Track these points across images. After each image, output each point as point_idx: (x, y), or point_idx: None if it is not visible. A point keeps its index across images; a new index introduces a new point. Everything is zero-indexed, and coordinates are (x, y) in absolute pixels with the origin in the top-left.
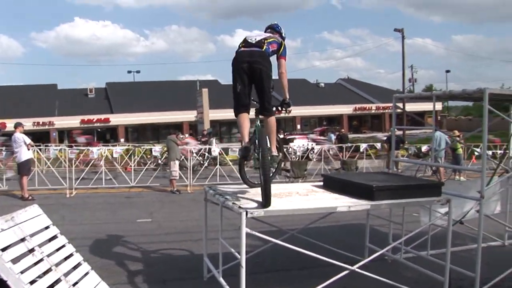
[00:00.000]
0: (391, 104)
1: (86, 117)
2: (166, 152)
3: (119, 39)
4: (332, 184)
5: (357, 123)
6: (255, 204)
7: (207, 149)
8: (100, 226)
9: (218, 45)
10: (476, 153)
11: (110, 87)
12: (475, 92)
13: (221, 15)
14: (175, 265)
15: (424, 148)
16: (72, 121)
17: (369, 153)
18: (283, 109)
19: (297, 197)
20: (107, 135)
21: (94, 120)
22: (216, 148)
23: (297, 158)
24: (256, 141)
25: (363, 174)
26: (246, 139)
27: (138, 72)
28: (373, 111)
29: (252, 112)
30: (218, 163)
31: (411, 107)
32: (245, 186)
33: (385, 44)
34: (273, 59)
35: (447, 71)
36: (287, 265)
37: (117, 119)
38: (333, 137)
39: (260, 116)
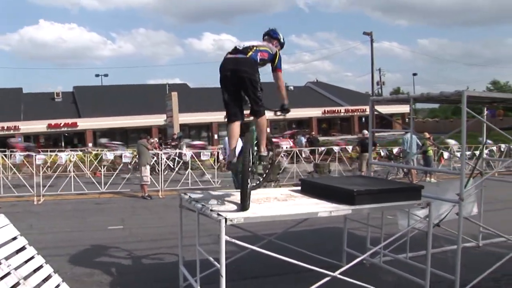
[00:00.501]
0: (360, 107)
1: (53, 122)
2: (137, 157)
3: (85, 42)
4: (310, 188)
5: (326, 126)
6: (233, 211)
7: (177, 154)
8: (70, 234)
9: (186, 49)
10: (445, 156)
11: (77, 91)
12: (453, 94)
13: (188, 18)
14: (150, 274)
15: (395, 150)
16: (38, 126)
17: (341, 155)
18: (283, 113)
19: (276, 203)
20: (75, 139)
21: (61, 125)
22: (187, 152)
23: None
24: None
25: (342, 178)
26: (232, 150)
27: (106, 75)
28: (342, 114)
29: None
30: (189, 167)
31: (378, 109)
32: (220, 191)
33: (353, 48)
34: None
35: (414, 74)
36: (265, 271)
37: (85, 123)
38: (303, 140)
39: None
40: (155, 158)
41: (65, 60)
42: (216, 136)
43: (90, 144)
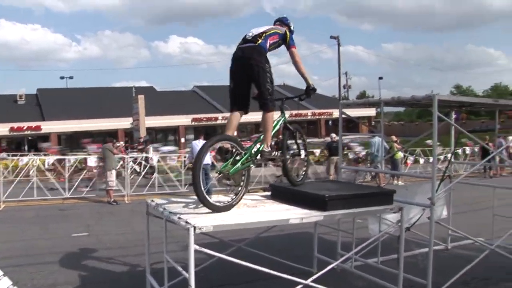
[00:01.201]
0: (326, 110)
1: (15, 125)
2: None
3: (50, 44)
4: (280, 194)
5: None
6: (202, 218)
7: (143, 158)
8: (31, 242)
9: (152, 51)
10: (410, 159)
11: (41, 94)
12: (424, 98)
13: (154, 21)
14: (116, 283)
15: (362, 153)
16: (0, 129)
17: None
18: (310, 95)
19: (246, 209)
20: (39, 143)
21: (24, 128)
22: (154, 156)
23: None
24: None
25: (313, 183)
26: None
27: (71, 78)
28: (309, 117)
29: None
30: (156, 171)
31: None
32: (188, 197)
33: (319, 52)
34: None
35: (380, 78)
36: (235, 279)
37: (49, 126)
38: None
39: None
40: (121, 162)
41: (28, 62)
42: (183, 140)
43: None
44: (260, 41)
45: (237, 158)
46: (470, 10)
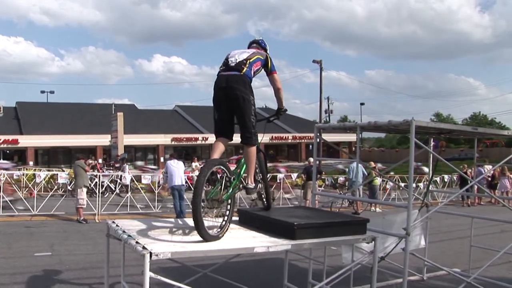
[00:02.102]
0: (307, 134)
1: None
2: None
3: (32, 58)
4: (248, 220)
5: (273, 152)
6: (161, 244)
7: (119, 176)
8: None
9: (136, 69)
10: (389, 186)
11: (20, 107)
12: (401, 124)
13: (139, 39)
14: None
15: (340, 179)
16: None
17: (286, 183)
18: (279, 117)
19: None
20: (15, 157)
21: (0, 141)
22: (128, 175)
23: None
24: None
25: (282, 209)
26: None
27: (52, 92)
28: (289, 141)
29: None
30: (129, 191)
31: (325, 137)
32: (154, 220)
33: (301, 76)
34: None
35: (362, 104)
36: None
37: (27, 140)
38: None
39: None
40: (96, 180)
41: (10, 75)
42: (162, 159)
43: (31, 163)
44: (245, 69)
45: (227, 183)
46: (451, 40)
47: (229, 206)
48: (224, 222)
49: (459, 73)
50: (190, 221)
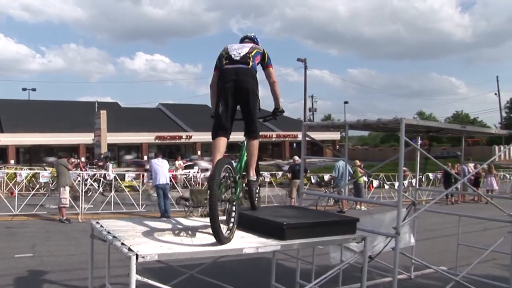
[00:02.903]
0: (291, 133)
1: None
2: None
3: (12, 54)
4: None
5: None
6: (147, 245)
7: (102, 174)
8: None
9: (118, 67)
10: (374, 183)
11: (1, 104)
12: (391, 122)
13: (121, 37)
14: None
15: (326, 177)
16: None
17: (271, 181)
18: (276, 117)
19: (198, 236)
20: None
21: None
22: (111, 174)
23: (197, 185)
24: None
25: (270, 209)
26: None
27: (34, 90)
28: (273, 139)
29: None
30: (113, 190)
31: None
32: (139, 220)
33: (285, 74)
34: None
35: (345, 102)
36: None
37: (8, 138)
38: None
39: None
40: (79, 178)
41: None
42: (145, 158)
43: (12, 161)
44: (251, 63)
45: (234, 183)
46: (433, 39)
47: (234, 207)
48: (232, 224)
49: (441, 73)
50: (175, 221)
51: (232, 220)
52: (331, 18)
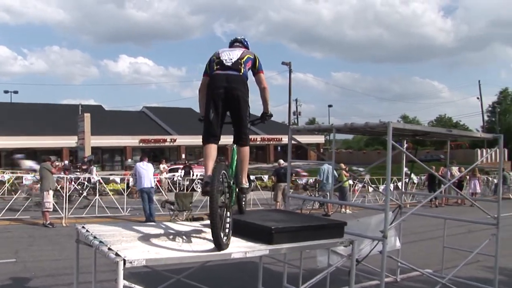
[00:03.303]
0: (275, 136)
1: None
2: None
3: None
4: None
5: None
6: (135, 250)
7: (86, 178)
8: None
9: (101, 70)
10: (358, 186)
11: None
12: (378, 125)
13: (104, 39)
14: None
15: (303, 180)
16: None
17: (256, 184)
18: (265, 121)
19: (184, 241)
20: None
21: None
22: (96, 177)
23: (182, 189)
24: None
25: (258, 213)
26: (209, 172)
27: (16, 92)
28: (258, 143)
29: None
30: (97, 193)
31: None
32: (124, 224)
33: (268, 78)
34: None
35: (330, 106)
36: None
37: None
38: None
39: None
40: (62, 182)
41: None
42: (129, 161)
43: None
44: (242, 70)
45: (228, 189)
46: (416, 43)
47: (229, 213)
48: (228, 229)
49: (424, 76)
50: (161, 225)
51: (228, 225)
52: (315, 21)
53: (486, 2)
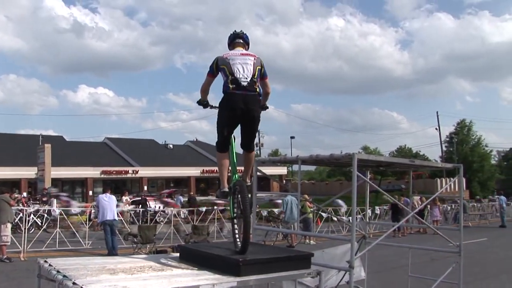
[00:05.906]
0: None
1: None
2: None
3: None
4: (190, 256)
5: (204, 186)
6: (102, 285)
7: (46, 210)
8: None
9: (60, 100)
10: (323, 216)
11: None
12: (343, 157)
13: (63, 69)
14: None
15: (276, 211)
16: None
17: (220, 216)
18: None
19: (151, 274)
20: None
21: None
22: (56, 209)
23: (145, 222)
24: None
25: (224, 244)
26: (226, 181)
27: None
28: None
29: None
30: (58, 226)
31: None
32: (88, 258)
33: None
34: None
35: (292, 137)
36: None
37: None
38: (182, 199)
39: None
40: (21, 215)
41: None
42: (91, 193)
43: None
44: (257, 89)
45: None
46: (374, 76)
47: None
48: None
49: (383, 107)
50: (126, 258)
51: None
52: (275, 53)
53: (439, 36)
